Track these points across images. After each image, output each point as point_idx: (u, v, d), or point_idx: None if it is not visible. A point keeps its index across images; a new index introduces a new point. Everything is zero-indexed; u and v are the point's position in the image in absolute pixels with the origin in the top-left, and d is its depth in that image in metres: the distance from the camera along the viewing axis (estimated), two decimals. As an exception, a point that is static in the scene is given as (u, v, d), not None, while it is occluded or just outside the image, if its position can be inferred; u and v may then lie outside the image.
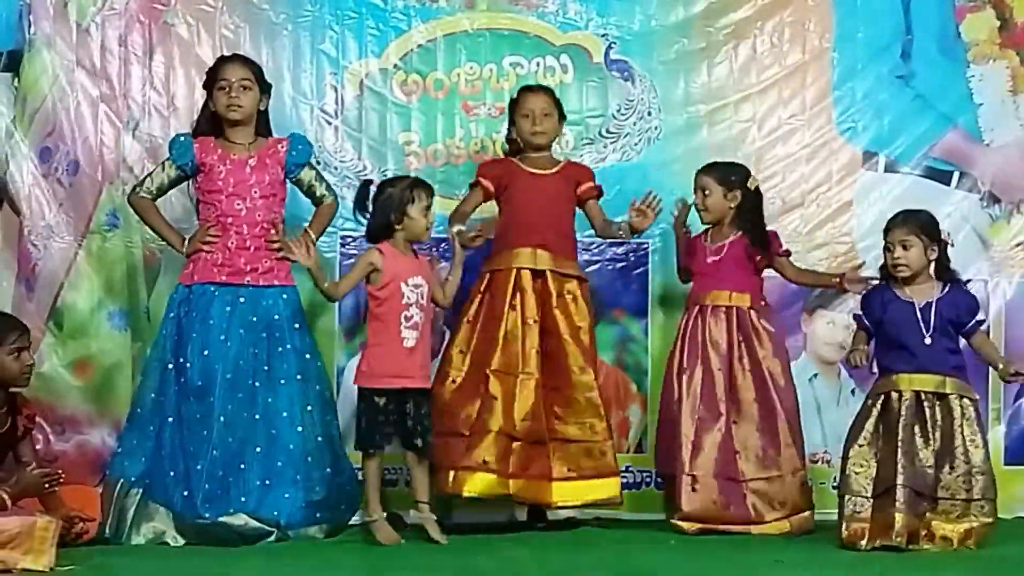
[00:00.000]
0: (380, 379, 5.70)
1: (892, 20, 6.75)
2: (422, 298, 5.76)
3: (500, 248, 6.14)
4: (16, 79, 6.33)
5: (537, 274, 6.06)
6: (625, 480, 6.39)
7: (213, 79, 5.84)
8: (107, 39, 6.38)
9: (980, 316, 5.85)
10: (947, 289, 5.73)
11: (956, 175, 6.78)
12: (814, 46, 6.73)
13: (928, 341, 5.62)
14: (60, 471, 5.19)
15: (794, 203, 6.68)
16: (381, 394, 5.68)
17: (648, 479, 6.52)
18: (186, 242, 5.83)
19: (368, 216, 5.83)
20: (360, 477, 5.84)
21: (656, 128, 6.65)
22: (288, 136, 5.99)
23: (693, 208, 6.24)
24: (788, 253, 6.27)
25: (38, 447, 6.11)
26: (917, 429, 5.58)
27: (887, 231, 5.76)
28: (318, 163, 6.37)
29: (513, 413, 5.89)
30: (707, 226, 6.25)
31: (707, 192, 6.17)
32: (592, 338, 6.15)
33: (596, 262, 6.52)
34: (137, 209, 5.94)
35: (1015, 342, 6.69)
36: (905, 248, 5.68)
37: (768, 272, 6.27)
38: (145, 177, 5.96)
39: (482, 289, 6.12)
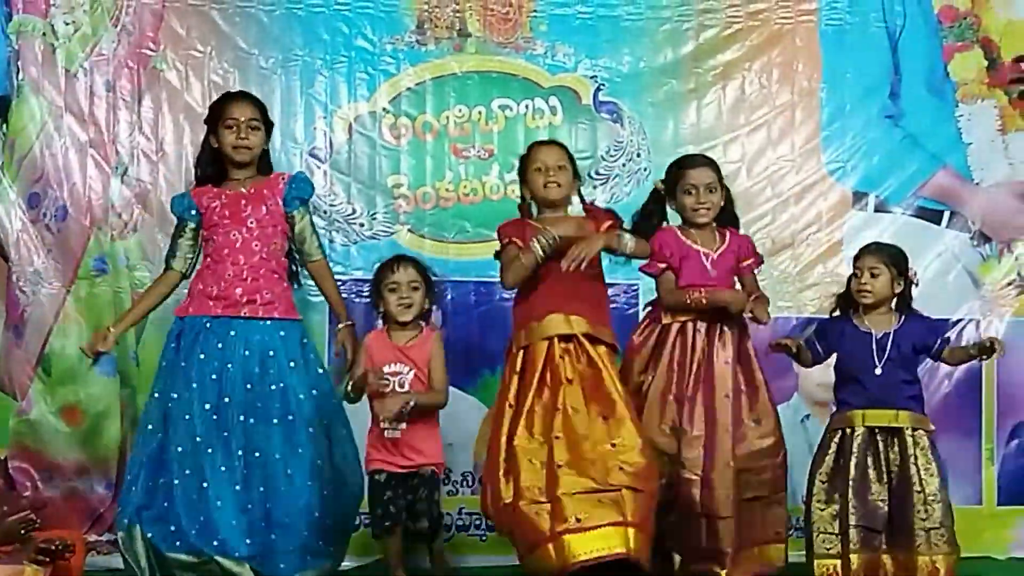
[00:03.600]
0: (373, 462, 5.64)
1: (880, 60, 6.77)
2: (401, 386, 5.62)
3: (525, 323, 5.57)
4: (4, 125, 6.33)
5: (567, 339, 5.53)
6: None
7: (218, 116, 5.68)
8: (95, 85, 6.39)
9: (948, 335, 5.81)
10: (904, 319, 5.67)
11: (946, 215, 6.78)
12: (803, 87, 6.74)
13: (878, 372, 5.60)
14: (35, 516, 5.09)
15: (784, 244, 6.68)
16: (379, 472, 5.61)
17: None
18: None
19: None
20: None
21: (645, 169, 6.65)
22: (293, 172, 5.91)
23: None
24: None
25: (26, 494, 6.11)
26: (870, 463, 5.57)
27: (857, 258, 5.71)
28: (309, 207, 6.39)
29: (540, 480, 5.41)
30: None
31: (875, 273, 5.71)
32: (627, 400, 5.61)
33: (586, 304, 6.48)
34: (159, 283, 5.79)
35: (1007, 383, 6.68)
36: (873, 276, 5.64)
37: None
38: (168, 253, 5.75)
39: (517, 369, 5.55)
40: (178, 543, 5.43)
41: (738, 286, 5.75)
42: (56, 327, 6.32)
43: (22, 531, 4.99)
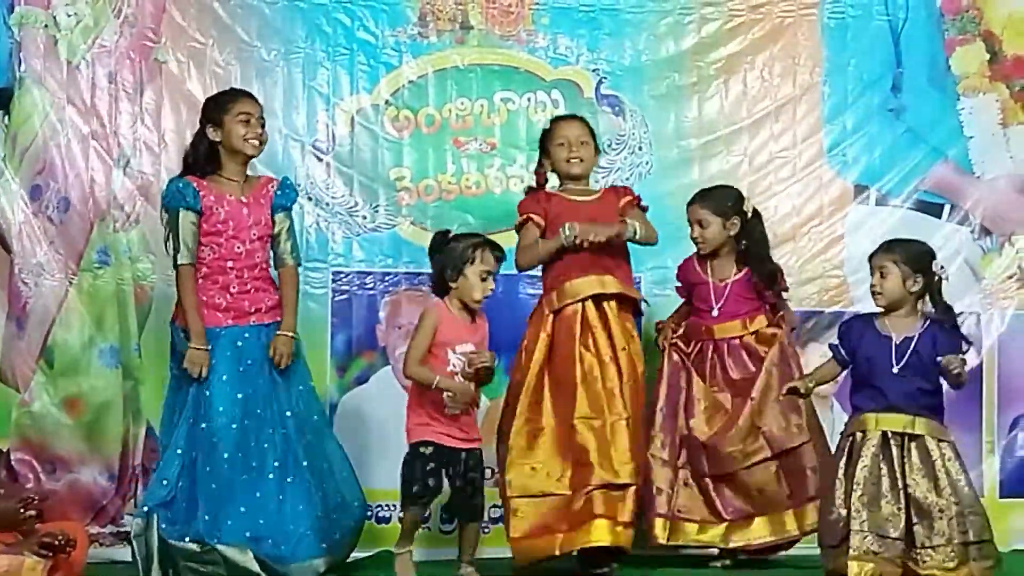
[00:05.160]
0: (428, 434, 5.47)
1: (882, 53, 6.78)
2: (470, 367, 5.44)
3: (557, 284, 5.82)
4: (6, 117, 6.31)
5: (599, 306, 5.78)
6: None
7: (226, 109, 5.67)
8: (97, 76, 6.37)
9: (964, 356, 5.33)
10: (927, 325, 5.29)
11: (947, 208, 6.80)
12: (805, 80, 6.75)
13: (895, 372, 5.24)
14: (34, 496, 5.08)
15: (785, 237, 6.68)
16: (428, 444, 5.46)
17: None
18: (195, 344, 5.57)
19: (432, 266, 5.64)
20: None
21: (647, 163, 6.66)
22: (280, 178, 5.88)
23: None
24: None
25: (28, 486, 6.11)
26: (883, 468, 5.22)
27: (871, 256, 5.40)
28: (310, 199, 6.39)
29: (612, 459, 5.64)
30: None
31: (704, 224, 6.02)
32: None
33: (588, 295, 6.48)
34: (181, 280, 5.63)
35: (1008, 375, 6.70)
36: (882, 275, 5.30)
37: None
38: (177, 244, 5.60)
39: (549, 331, 5.79)
40: (184, 532, 5.46)
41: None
42: (58, 319, 6.30)
43: (22, 511, 4.97)
